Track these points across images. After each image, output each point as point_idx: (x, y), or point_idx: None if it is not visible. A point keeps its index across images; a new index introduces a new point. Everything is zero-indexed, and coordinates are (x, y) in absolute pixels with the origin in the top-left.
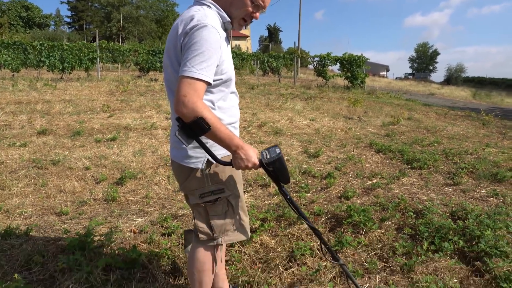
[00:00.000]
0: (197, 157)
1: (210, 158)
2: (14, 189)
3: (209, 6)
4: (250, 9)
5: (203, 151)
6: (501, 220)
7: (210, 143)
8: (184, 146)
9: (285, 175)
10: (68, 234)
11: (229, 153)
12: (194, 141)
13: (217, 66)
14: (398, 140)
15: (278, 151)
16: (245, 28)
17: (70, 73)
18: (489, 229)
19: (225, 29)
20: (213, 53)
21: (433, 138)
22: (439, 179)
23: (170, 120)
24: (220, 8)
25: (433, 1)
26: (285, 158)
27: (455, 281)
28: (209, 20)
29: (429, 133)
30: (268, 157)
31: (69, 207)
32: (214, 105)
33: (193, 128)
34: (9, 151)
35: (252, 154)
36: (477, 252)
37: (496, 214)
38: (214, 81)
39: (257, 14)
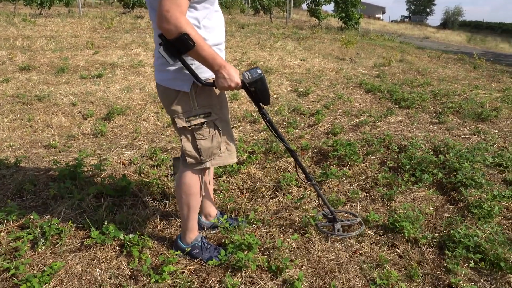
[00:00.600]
0: (182, 79)
1: (195, 80)
2: (0, 123)
3: None
4: None
5: (188, 73)
6: (480, 155)
7: (195, 65)
8: (169, 68)
9: (266, 96)
10: (58, 165)
11: (213, 76)
12: (179, 62)
13: None
14: (389, 81)
15: (259, 71)
16: None
17: (49, 8)
18: (468, 163)
19: None
20: None
21: (423, 79)
22: (426, 118)
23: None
24: None
25: None
26: (275, 96)
27: (430, 208)
28: None
29: (419, 75)
30: (250, 77)
31: (57, 141)
32: (199, 23)
33: (177, 44)
34: None
35: (235, 74)
36: (454, 183)
37: (476, 149)
38: None
39: None
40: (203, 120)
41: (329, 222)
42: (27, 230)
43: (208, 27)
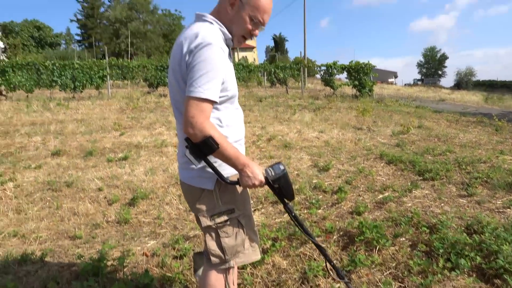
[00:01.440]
0: (206, 177)
1: (219, 179)
2: (30, 212)
3: (211, 23)
4: (250, 26)
5: (212, 171)
6: None
7: (218, 163)
8: (194, 166)
9: (290, 192)
10: (81, 259)
11: (236, 172)
12: (203, 161)
13: (223, 83)
14: (409, 150)
15: (282, 167)
16: (252, 38)
17: (81, 91)
18: (507, 244)
19: (227, 45)
20: (218, 72)
21: (444, 146)
22: (453, 190)
23: (177, 139)
24: (222, 25)
25: (439, 3)
26: (295, 172)
27: None
28: (213, 37)
29: (440, 142)
30: (273, 174)
31: (82, 230)
32: (221, 122)
33: (202, 147)
34: (25, 173)
35: (258, 172)
36: (495, 269)
37: None
38: (220, 97)
39: (256, 31)
40: (227, 218)
41: None
42: None
43: (230, 125)
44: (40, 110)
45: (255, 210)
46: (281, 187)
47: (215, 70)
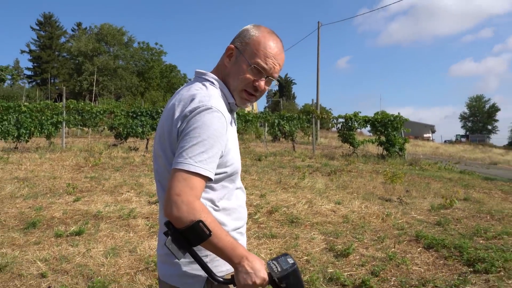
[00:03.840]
0: (193, 276)
1: (209, 278)
2: None
3: (212, 83)
4: (250, 76)
5: (200, 268)
6: None
7: (210, 257)
8: (177, 260)
9: None
10: None
11: (231, 270)
12: (188, 253)
13: (221, 157)
14: (454, 230)
15: (291, 261)
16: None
17: (27, 141)
18: None
19: (231, 110)
20: (216, 142)
21: (500, 226)
22: None
23: (153, 205)
24: (224, 86)
25: (486, 44)
26: (304, 258)
27: None
28: (213, 101)
29: (494, 220)
30: (279, 269)
31: None
32: (215, 205)
33: (188, 234)
34: None
35: (260, 267)
36: None
37: None
38: (216, 174)
39: (261, 82)
40: None
41: None
42: None
43: (228, 208)
44: None
45: None
46: (288, 287)
47: (212, 139)
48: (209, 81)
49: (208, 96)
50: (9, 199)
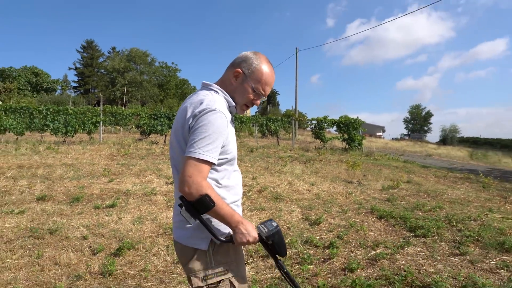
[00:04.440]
0: (200, 238)
1: (213, 238)
2: (8, 261)
3: (216, 91)
4: (252, 96)
5: (206, 231)
6: None
7: (213, 223)
8: (188, 225)
9: (283, 248)
10: None
11: (231, 234)
12: (198, 221)
13: (223, 146)
14: (399, 205)
15: (275, 224)
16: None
17: (73, 136)
18: None
19: (230, 112)
20: (218, 136)
21: (434, 202)
22: (445, 248)
23: (169, 185)
24: (227, 94)
25: (422, 66)
26: (286, 225)
27: None
28: (217, 105)
29: (430, 197)
30: (266, 230)
31: (63, 282)
32: (219, 183)
33: (197, 206)
34: (7, 219)
35: (252, 229)
36: None
37: None
38: (219, 159)
39: (258, 101)
40: (219, 279)
41: None
42: None
43: (228, 186)
44: (29, 153)
45: (245, 263)
46: (274, 243)
47: (216, 134)
48: (213, 90)
49: (213, 101)
50: (59, 180)
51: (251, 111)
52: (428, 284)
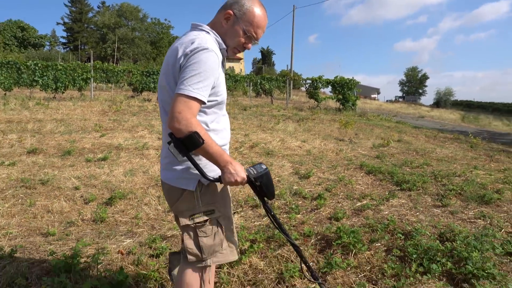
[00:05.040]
0: (188, 178)
1: (201, 179)
2: (0, 209)
3: (207, 32)
4: (243, 39)
5: (194, 172)
6: (488, 242)
7: (202, 163)
8: (176, 167)
9: (271, 190)
10: (54, 255)
11: (219, 175)
12: (186, 160)
13: (213, 88)
14: (388, 161)
15: (264, 166)
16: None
17: (63, 92)
18: (476, 251)
19: (221, 54)
20: (210, 75)
21: (422, 160)
22: (428, 200)
23: (161, 141)
24: (217, 35)
25: (422, 27)
26: (276, 179)
27: None
28: (209, 44)
29: (418, 155)
30: (255, 172)
31: (56, 228)
32: (208, 126)
33: (186, 142)
34: None
35: (240, 169)
36: (464, 274)
37: (483, 236)
38: (209, 101)
39: (249, 45)
40: (206, 218)
41: None
42: None
43: (216, 129)
44: (18, 109)
45: (234, 213)
46: (262, 185)
47: (207, 72)
48: (204, 30)
49: (205, 40)
50: (50, 134)
51: (246, 70)
52: (409, 231)
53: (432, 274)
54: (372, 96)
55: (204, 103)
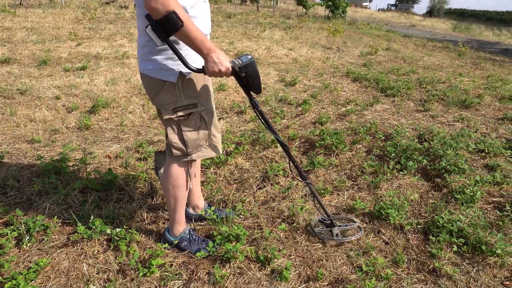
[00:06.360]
0: (169, 69)
1: (182, 70)
2: None
3: None
4: None
5: (174, 63)
6: (463, 141)
7: (183, 53)
8: (155, 57)
9: (257, 83)
10: (42, 160)
11: (202, 65)
12: (166, 46)
13: None
14: (375, 69)
15: (249, 56)
16: None
17: None
18: (451, 149)
19: None
20: None
21: (409, 68)
22: (411, 105)
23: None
24: None
25: None
26: (262, 86)
27: (415, 195)
28: None
29: (405, 63)
30: (240, 62)
31: (41, 135)
32: (186, 11)
33: (165, 24)
34: None
35: (225, 59)
36: (438, 170)
37: (460, 136)
38: None
39: None
40: (189, 111)
41: (326, 227)
42: (11, 227)
43: (196, 16)
44: None
45: (220, 119)
46: (248, 76)
47: None
48: None
49: None
50: (21, 44)
51: None
52: (390, 134)
53: (408, 170)
54: (364, 4)
55: None
